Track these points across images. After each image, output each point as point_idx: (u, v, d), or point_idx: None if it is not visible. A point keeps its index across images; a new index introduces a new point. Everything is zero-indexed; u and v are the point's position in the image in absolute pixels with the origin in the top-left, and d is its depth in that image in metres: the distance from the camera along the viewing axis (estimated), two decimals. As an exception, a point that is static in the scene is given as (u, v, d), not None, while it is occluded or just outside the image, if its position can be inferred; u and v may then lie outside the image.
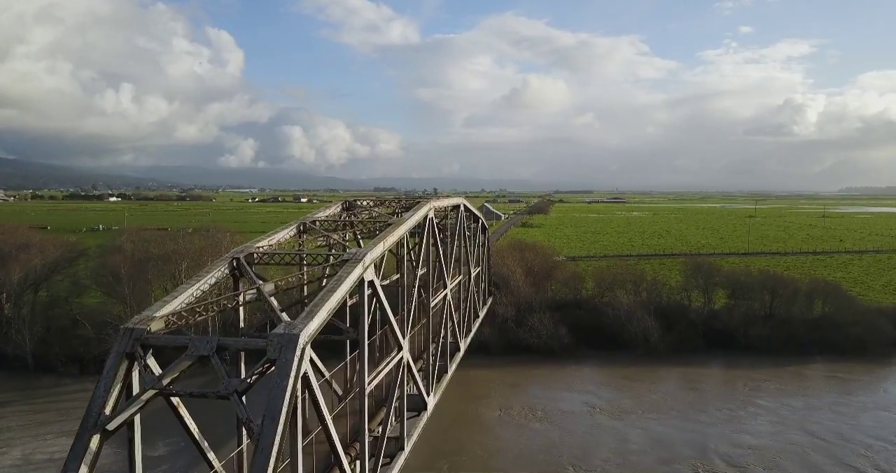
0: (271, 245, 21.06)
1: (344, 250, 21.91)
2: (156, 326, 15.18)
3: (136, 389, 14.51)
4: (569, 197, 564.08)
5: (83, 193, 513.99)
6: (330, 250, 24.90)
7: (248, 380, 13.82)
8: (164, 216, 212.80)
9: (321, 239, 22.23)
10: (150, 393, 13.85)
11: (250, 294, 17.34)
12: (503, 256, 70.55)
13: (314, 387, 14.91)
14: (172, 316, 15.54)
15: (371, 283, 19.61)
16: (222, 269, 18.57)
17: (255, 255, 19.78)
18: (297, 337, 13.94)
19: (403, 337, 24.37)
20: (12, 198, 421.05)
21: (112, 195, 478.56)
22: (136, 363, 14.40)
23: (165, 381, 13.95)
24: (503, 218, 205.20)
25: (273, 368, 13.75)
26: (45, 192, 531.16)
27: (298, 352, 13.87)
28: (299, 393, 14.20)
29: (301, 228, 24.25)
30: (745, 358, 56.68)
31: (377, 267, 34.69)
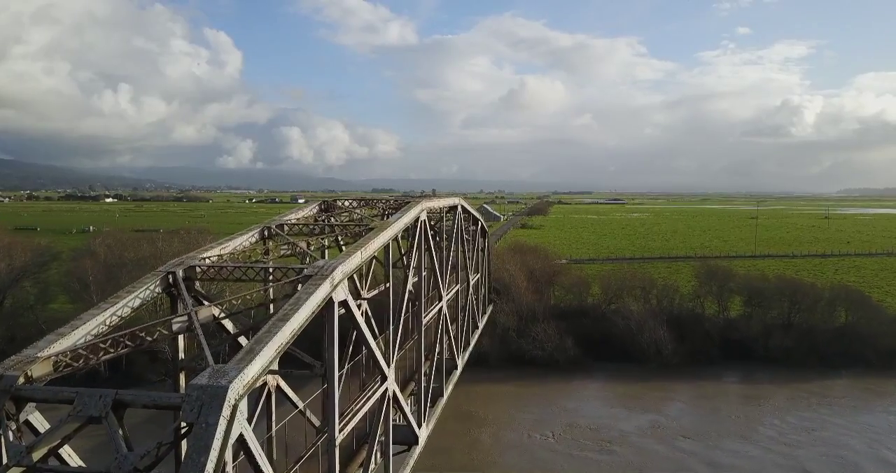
0: (222, 255, 16.97)
1: (316, 259, 17.84)
2: (39, 371, 11.13)
3: (5, 459, 10.49)
4: (567, 198, 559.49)
5: (80, 194, 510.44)
6: (303, 261, 20.98)
7: (156, 452, 9.79)
8: (159, 217, 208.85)
9: (285, 246, 18.12)
10: (16, 470, 9.81)
11: (181, 321, 13.23)
12: (503, 260, 66.54)
13: (255, 454, 10.89)
14: (65, 356, 11.49)
15: (344, 303, 15.61)
16: (151, 287, 14.51)
17: (199, 269, 15.69)
18: (224, 390, 9.88)
19: (389, 364, 20.38)
20: (7, 199, 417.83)
21: (109, 196, 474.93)
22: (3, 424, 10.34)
23: (39, 454, 9.91)
24: (502, 219, 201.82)
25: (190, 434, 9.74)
26: (42, 193, 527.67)
27: (227, 412, 9.82)
28: (230, 466, 10.21)
29: (265, 233, 20.17)
30: (766, 370, 52.70)
31: (364, 279, 30.90)
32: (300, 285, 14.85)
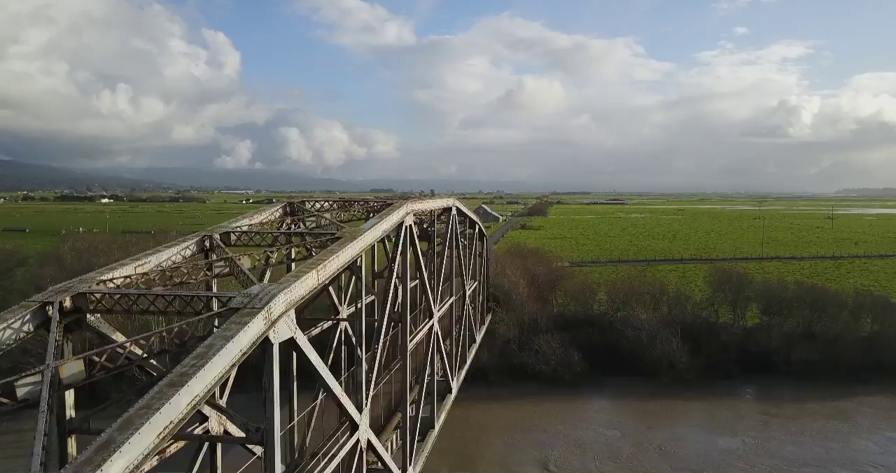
0: (134, 276, 12.84)
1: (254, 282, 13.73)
2: None
3: None
4: (566, 198, 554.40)
5: (76, 194, 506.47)
6: (261, 279, 16.89)
7: None
8: (152, 217, 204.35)
9: (220, 264, 13.95)
10: None
11: (32, 382, 9.08)
12: (503, 264, 62.40)
13: None
14: None
15: (290, 343, 11.53)
16: (16, 325, 10.42)
17: (94, 296, 11.59)
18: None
19: (361, 407, 16.28)
20: (2, 200, 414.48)
21: (105, 196, 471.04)
22: None
23: None
24: (501, 220, 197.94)
25: None
26: (38, 193, 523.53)
27: None
28: None
29: (207, 244, 16.05)
30: (793, 384, 48.53)
31: (343, 292, 26.77)
32: (217, 320, 10.80)
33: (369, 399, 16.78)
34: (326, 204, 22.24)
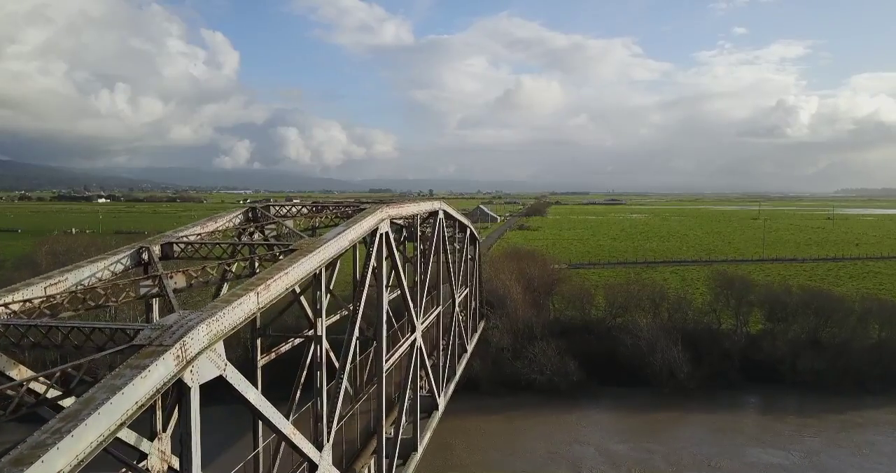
0: (41, 299, 10.80)
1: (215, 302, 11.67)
2: None
3: None
4: (565, 198, 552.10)
5: (74, 194, 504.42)
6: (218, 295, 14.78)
7: None
8: (148, 218, 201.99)
9: (149, 282, 11.88)
10: None
11: None
12: (497, 269, 60.39)
13: None
14: None
15: (220, 380, 9.53)
16: None
17: (-22, 326, 9.55)
18: None
19: (321, 444, 14.27)
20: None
21: (102, 196, 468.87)
22: None
23: None
24: (499, 220, 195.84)
25: None
26: (35, 193, 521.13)
27: None
28: None
29: (145, 258, 13.99)
30: (800, 394, 46.53)
31: (318, 303, 24.66)
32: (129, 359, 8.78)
33: (332, 435, 14.74)
34: (294, 209, 20.18)
